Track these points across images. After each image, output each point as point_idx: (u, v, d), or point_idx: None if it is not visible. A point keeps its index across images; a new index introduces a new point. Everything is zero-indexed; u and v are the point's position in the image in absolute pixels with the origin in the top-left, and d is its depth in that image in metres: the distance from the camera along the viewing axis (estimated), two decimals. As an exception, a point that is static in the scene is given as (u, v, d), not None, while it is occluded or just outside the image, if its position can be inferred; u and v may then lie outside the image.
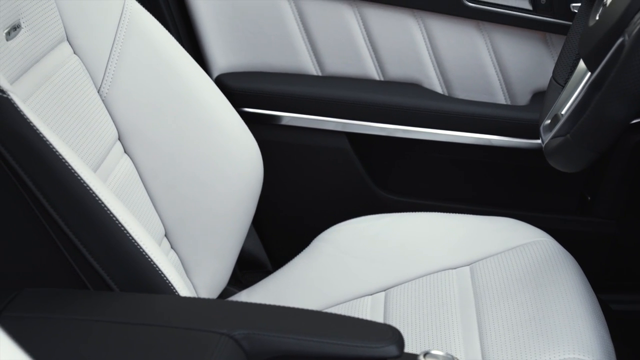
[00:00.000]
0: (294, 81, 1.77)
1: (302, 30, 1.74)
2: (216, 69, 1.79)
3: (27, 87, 1.13)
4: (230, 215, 1.45)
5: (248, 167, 1.48)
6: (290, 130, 1.77)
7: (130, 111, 1.35)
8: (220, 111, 1.45)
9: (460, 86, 1.73)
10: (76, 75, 1.27)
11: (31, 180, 0.97)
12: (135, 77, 1.35)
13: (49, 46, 1.22)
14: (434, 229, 1.51)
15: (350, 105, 1.72)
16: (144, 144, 1.36)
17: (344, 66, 1.76)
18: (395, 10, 1.68)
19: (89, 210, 0.99)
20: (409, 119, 1.70)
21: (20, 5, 1.14)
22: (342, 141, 1.76)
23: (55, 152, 0.98)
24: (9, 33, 1.11)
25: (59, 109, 1.19)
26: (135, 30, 1.36)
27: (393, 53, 1.72)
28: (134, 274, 1.02)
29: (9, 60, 1.09)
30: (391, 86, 1.75)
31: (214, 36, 1.76)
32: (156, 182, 1.38)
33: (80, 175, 0.99)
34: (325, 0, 1.71)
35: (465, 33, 1.68)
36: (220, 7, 1.74)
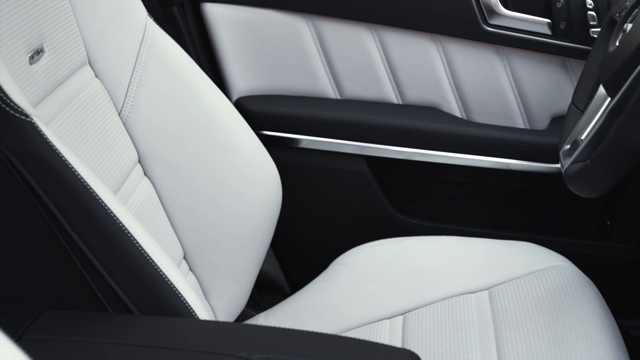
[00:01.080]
0: (313, 104, 1.77)
1: (321, 54, 1.75)
2: (235, 92, 1.80)
3: (50, 110, 1.14)
4: (248, 238, 1.45)
5: (267, 190, 1.48)
6: (309, 153, 1.77)
7: (150, 134, 1.36)
8: (240, 134, 1.46)
9: (479, 110, 1.73)
10: (97, 99, 1.28)
11: (53, 203, 0.98)
12: (156, 100, 1.36)
13: (71, 70, 1.23)
14: (452, 253, 1.51)
15: (369, 128, 1.73)
16: (164, 166, 1.37)
17: (362, 89, 1.77)
18: (414, 34, 1.68)
19: (110, 233, 1.00)
20: (427, 142, 1.70)
21: (44, 29, 1.16)
22: (361, 164, 1.76)
23: (78, 175, 0.99)
24: (32, 57, 1.12)
25: (80, 132, 1.20)
26: (156, 53, 1.37)
27: (412, 77, 1.73)
28: (154, 297, 1.03)
29: (32, 83, 1.11)
30: (410, 110, 1.75)
31: (233, 59, 1.78)
32: (175, 204, 1.38)
33: (102, 198, 1.00)
34: (345, 24, 1.72)
35: (484, 57, 1.68)
36: (240, 31, 1.75)
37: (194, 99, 1.39)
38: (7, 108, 0.95)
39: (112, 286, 1.01)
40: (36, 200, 0.98)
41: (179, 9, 1.75)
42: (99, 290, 1.02)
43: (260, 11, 1.74)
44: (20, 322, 0.99)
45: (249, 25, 1.75)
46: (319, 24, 1.73)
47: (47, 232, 1.00)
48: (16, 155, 0.96)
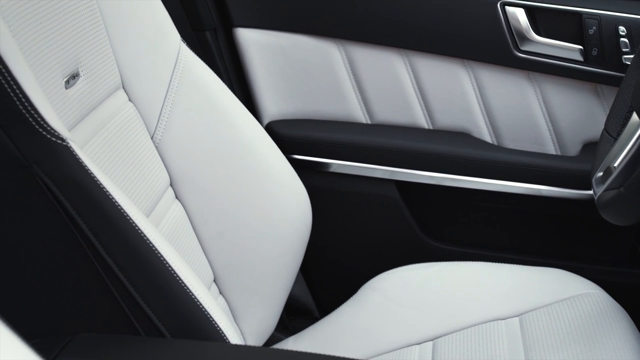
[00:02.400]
0: (344, 129, 1.78)
1: (352, 78, 1.76)
2: (267, 116, 1.81)
3: (84, 134, 1.15)
4: (278, 261, 1.45)
5: (297, 214, 1.49)
6: (339, 177, 1.78)
7: (182, 157, 1.37)
8: (270, 158, 1.47)
9: (510, 136, 1.72)
10: (131, 122, 1.30)
11: (87, 226, 0.99)
12: (188, 124, 1.37)
13: (106, 94, 1.25)
14: (483, 279, 1.50)
15: (399, 153, 1.73)
16: (195, 190, 1.38)
17: (393, 114, 1.77)
18: (445, 59, 1.69)
19: (143, 256, 1.01)
20: (457, 167, 1.70)
21: (80, 54, 1.17)
22: (391, 189, 1.76)
23: (112, 198, 1.00)
24: (68, 81, 1.13)
25: (113, 155, 1.21)
26: (188, 78, 1.38)
27: (442, 102, 1.73)
28: (185, 321, 1.03)
29: (68, 108, 1.12)
30: (440, 135, 1.75)
31: (265, 84, 1.79)
32: (206, 227, 1.39)
33: (135, 222, 1.01)
34: (376, 49, 1.72)
35: (515, 83, 1.68)
36: (271, 56, 1.77)
37: (226, 123, 1.40)
38: (44, 132, 0.96)
39: (144, 309, 1.01)
40: (71, 223, 0.99)
41: (211, 34, 1.76)
42: (131, 314, 1.03)
43: (292, 36, 1.75)
44: (54, 344, 0.99)
45: (281, 50, 1.76)
46: (350, 49, 1.74)
47: (81, 256, 1.01)
48: (52, 178, 0.97)
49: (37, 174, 0.97)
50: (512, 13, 1.60)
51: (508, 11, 1.60)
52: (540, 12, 1.61)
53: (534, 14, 1.61)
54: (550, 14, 1.61)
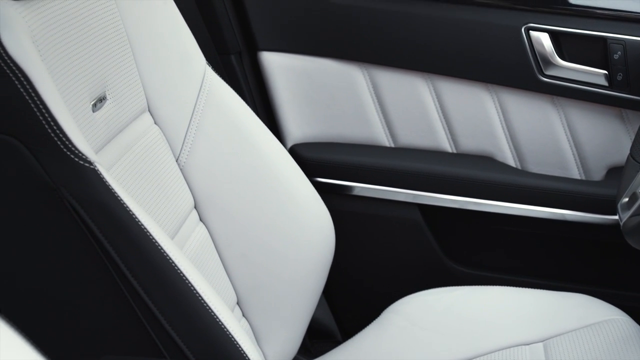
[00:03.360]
0: (367, 152, 1.78)
1: (375, 102, 1.77)
2: (290, 139, 1.82)
3: (111, 156, 1.16)
4: (302, 284, 1.46)
5: (320, 236, 1.49)
6: (363, 200, 1.78)
7: (206, 180, 1.37)
8: (294, 181, 1.47)
9: (534, 160, 1.72)
10: (156, 145, 1.31)
11: (114, 248, 0.99)
12: (212, 147, 1.38)
13: (132, 117, 1.26)
14: (506, 304, 1.50)
15: (423, 176, 1.73)
16: (219, 212, 1.38)
17: (416, 138, 1.77)
18: (469, 83, 1.69)
19: (168, 279, 1.01)
20: (481, 191, 1.70)
21: (107, 78, 1.19)
22: (414, 212, 1.76)
23: (138, 221, 1.00)
24: (95, 104, 1.15)
25: (139, 178, 1.22)
26: (213, 101, 1.39)
27: (466, 126, 1.73)
28: (210, 344, 1.03)
29: (95, 131, 1.13)
30: (464, 159, 1.75)
31: (289, 107, 1.80)
32: (230, 250, 1.39)
33: (161, 245, 1.01)
34: (400, 72, 1.73)
35: (539, 107, 1.67)
36: (295, 79, 1.78)
37: (250, 146, 1.41)
38: (72, 155, 0.97)
39: (169, 332, 1.02)
40: (97, 245, 1.00)
41: (236, 58, 1.78)
42: (156, 336, 1.03)
43: (316, 60, 1.76)
44: (79, 365, 1.00)
45: (305, 74, 1.77)
46: (374, 73, 1.74)
47: (107, 278, 1.01)
48: (79, 201, 0.98)
49: (65, 196, 0.98)
50: (536, 38, 1.60)
51: (532, 36, 1.60)
52: (564, 37, 1.61)
53: (559, 38, 1.61)
54: (575, 39, 1.61)
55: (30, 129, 0.96)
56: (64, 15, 1.11)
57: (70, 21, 1.12)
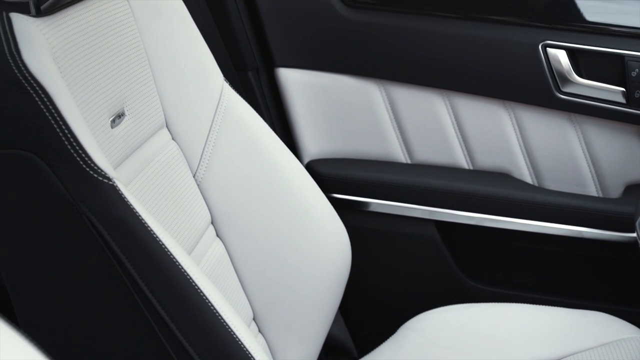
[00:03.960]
0: (383, 168, 1.78)
1: (392, 118, 1.77)
2: (307, 155, 1.82)
3: (129, 172, 1.17)
4: (318, 300, 1.46)
5: (336, 252, 1.49)
6: (379, 216, 1.78)
7: (223, 196, 1.38)
8: (310, 197, 1.47)
9: (551, 177, 1.71)
10: (174, 161, 1.31)
11: (132, 264, 1.00)
12: (229, 163, 1.38)
13: (150, 133, 1.27)
14: (523, 321, 1.49)
15: (439, 193, 1.73)
16: (236, 228, 1.39)
17: (433, 154, 1.77)
18: (485, 100, 1.69)
19: (185, 294, 1.01)
20: (497, 208, 1.70)
21: (126, 94, 1.20)
22: (430, 229, 1.76)
23: (156, 237, 1.01)
24: (114, 120, 1.16)
25: (157, 194, 1.22)
26: (230, 117, 1.40)
27: (483, 142, 1.73)
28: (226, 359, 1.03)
29: (113, 146, 1.14)
30: (480, 175, 1.75)
31: (305, 123, 1.80)
32: (246, 266, 1.40)
33: (179, 261, 1.02)
34: (416, 89, 1.73)
35: (556, 124, 1.67)
36: (312, 95, 1.78)
37: (266, 162, 1.41)
38: (91, 171, 0.98)
39: (185, 348, 1.02)
40: (115, 261, 1.00)
41: (253, 74, 1.79)
42: (172, 352, 1.03)
43: (333, 76, 1.77)
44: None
45: (322, 90, 1.78)
46: (390, 89, 1.75)
47: (124, 293, 1.02)
48: (98, 217, 0.99)
49: (83, 212, 0.99)
50: (553, 55, 1.60)
51: (549, 53, 1.60)
52: (582, 54, 1.61)
53: (576, 55, 1.61)
54: (592, 56, 1.61)
55: (50, 145, 0.97)
56: (83, 31, 1.12)
57: (90, 37, 1.13)
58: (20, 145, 0.98)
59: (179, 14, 1.38)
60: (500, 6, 1.63)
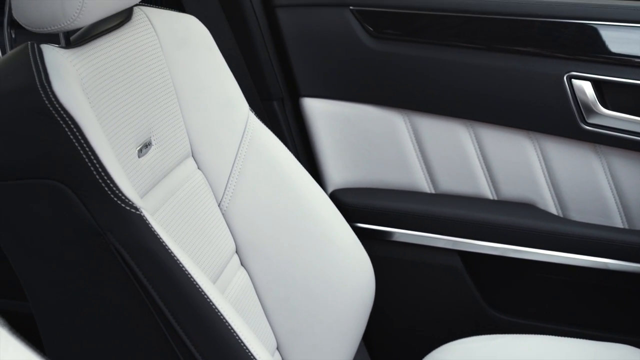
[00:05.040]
0: (407, 198, 1.78)
1: (416, 148, 1.77)
2: (331, 184, 1.83)
3: (155, 201, 1.18)
4: (341, 329, 1.45)
5: (360, 282, 1.49)
6: (403, 246, 1.78)
7: (247, 225, 1.38)
8: (335, 226, 1.48)
9: (576, 208, 1.71)
10: (199, 190, 1.32)
11: (158, 293, 1.00)
12: (254, 192, 1.39)
13: (176, 162, 1.28)
14: (548, 353, 1.48)
15: (463, 223, 1.73)
16: (260, 257, 1.39)
17: (457, 184, 1.77)
18: (510, 130, 1.69)
19: (210, 324, 1.02)
20: (522, 239, 1.69)
21: (152, 123, 1.21)
22: (454, 259, 1.75)
23: (182, 267, 1.01)
24: (141, 150, 1.17)
25: (182, 223, 1.23)
26: (256, 146, 1.41)
27: (507, 173, 1.73)
28: None
29: (140, 176, 1.15)
30: (505, 206, 1.74)
31: (330, 152, 1.81)
32: (270, 295, 1.40)
33: (204, 291, 1.02)
34: (441, 119, 1.73)
35: (581, 155, 1.66)
36: (337, 125, 1.79)
37: (291, 191, 1.42)
38: (119, 201, 0.99)
39: None
40: (141, 290, 1.01)
41: (278, 104, 1.80)
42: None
43: (357, 106, 1.78)
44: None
45: (346, 120, 1.78)
46: (414, 119, 1.75)
47: (150, 322, 1.02)
48: (125, 246, 0.99)
49: (111, 241, 0.99)
50: (578, 86, 1.60)
51: (575, 84, 1.60)
52: (607, 85, 1.60)
53: (601, 86, 1.61)
54: (617, 87, 1.60)
55: (79, 174, 0.98)
56: (112, 62, 1.13)
57: (118, 68, 1.15)
58: (49, 174, 0.99)
59: (206, 44, 1.39)
60: (525, 37, 1.63)
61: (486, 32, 1.65)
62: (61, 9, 1.01)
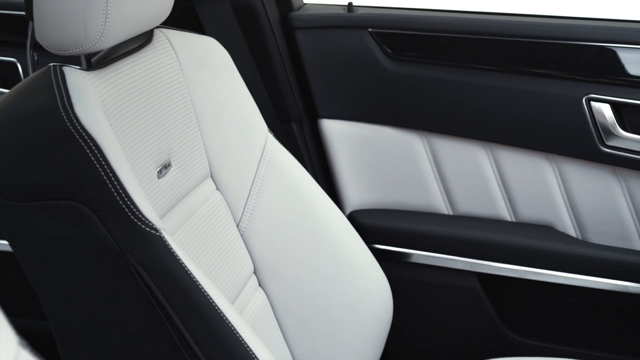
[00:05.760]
0: (425, 219, 1.78)
1: (434, 170, 1.77)
2: (349, 205, 1.83)
3: (174, 222, 1.18)
4: (359, 350, 1.45)
5: (378, 303, 1.49)
6: (421, 268, 1.78)
7: (265, 245, 1.39)
8: (352, 247, 1.48)
9: (595, 230, 1.70)
10: (218, 211, 1.33)
11: (177, 314, 1.01)
12: (272, 213, 1.39)
13: (195, 183, 1.29)
14: (566, 376, 1.47)
15: (481, 245, 1.72)
16: (278, 278, 1.40)
17: (475, 206, 1.77)
18: (529, 152, 1.69)
19: (229, 345, 1.02)
20: (541, 261, 1.68)
21: (172, 145, 1.22)
22: (472, 281, 1.75)
23: (201, 288, 1.02)
24: (160, 171, 1.17)
25: (201, 243, 1.24)
26: (274, 168, 1.41)
27: (526, 195, 1.72)
28: None
29: (160, 197, 1.16)
30: (523, 228, 1.74)
31: (348, 173, 1.81)
32: (288, 315, 1.40)
33: (223, 311, 1.02)
34: (459, 141, 1.73)
35: (600, 178, 1.66)
36: (355, 146, 1.79)
37: (309, 212, 1.42)
38: (139, 222, 1.00)
39: None
40: (160, 311, 1.01)
41: (297, 125, 1.80)
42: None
43: (375, 127, 1.78)
44: None
45: (364, 141, 1.79)
46: (433, 141, 1.75)
47: (169, 343, 1.02)
48: (145, 267, 1.00)
49: (130, 262, 1.00)
50: (597, 108, 1.60)
51: (593, 106, 1.60)
52: (626, 108, 1.60)
53: (620, 109, 1.60)
54: (636, 110, 1.60)
55: (100, 196, 0.99)
56: (133, 84, 1.14)
57: (139, 90, 1.15)
58: (70, 195, 1.00)
59: (225, 66, 1.40)
60: (544, 59, 1.63)
61: (505, 54, 1.65)
62: (83, 32, 1.02)
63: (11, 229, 1.06)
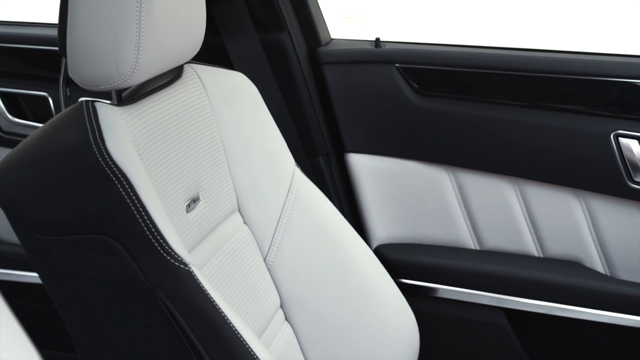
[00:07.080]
0: (452, 254, 1.78)
1: (461, 204, 1.77)
2: (375, 239, 1.83)
3: (202, 256, 1.19)
4: (385, 385, 1.45)
5: (404, 337, 1.48)
6: (447, 303, 1.77)
7: (292, 279, 1.39)
8: (379, 281, 1.48)
9: (623, 267, 1.69)
10: (245, 244, 1.33)
11: (205, 349, 1.01)
12: (299, 247, 1.40)
13: (223, 217, 1.29)
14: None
15: (508, 281, 1.71)
16: (305, 312, 1.39)
17: (502, 241, 1.76)
18: (556, 188, 1.68)
19: None
20: (568, 297, 1.67)
21: (200, 179, 1.23)
22: (500, 317, 1.74)
23: (230, 323, 1.02)
24: (189, 205, 1.18)
25: (228, 277, 1.24)
26: (301, 201, 1.42)
27: (553, 230, 1.72)
28: None
29: (188, 231, 1.16)
30: (550, 263, 1.73)
31: (374, 207, 1.82)
32: (315, 349, 1.40)
33: (251, 347, 1.02)
34: (486, 175, 1.73)
35: (628, 214, 1.65)
36: (381, 180, 1.80)
37: (335, 246, 1.42)
38: (168, 257, 1.00)
39: None
40: (189, 345, 1.01)
41: (324, 159, 1.81)
42: None
43: (402, 162, 1.79)
44: None
45: (391, 175, 1.79)
46: (459, 175, 1.75)
47: None
48: (173, 302, 1.00)
49: (159, 296, 1.00)
50: (625, 144, 1.60)
51: (621, 142, 1.60)
52: (654, 144, 1.60)
53: (648, 144, 1.60)
54: (664, 146, 1.60)
55: (130, 230, 1.00)
56: (163, 119, 1.16)
57: (168, 124, 1.17)
58: (100, 230, 1.01)
59: (253, 101, 1.42)
60: (571, 95, 1.63)
61: (532, 89, 1.65)
62: (115, 68, 1.03)
63: (42, 262, 1.07)
